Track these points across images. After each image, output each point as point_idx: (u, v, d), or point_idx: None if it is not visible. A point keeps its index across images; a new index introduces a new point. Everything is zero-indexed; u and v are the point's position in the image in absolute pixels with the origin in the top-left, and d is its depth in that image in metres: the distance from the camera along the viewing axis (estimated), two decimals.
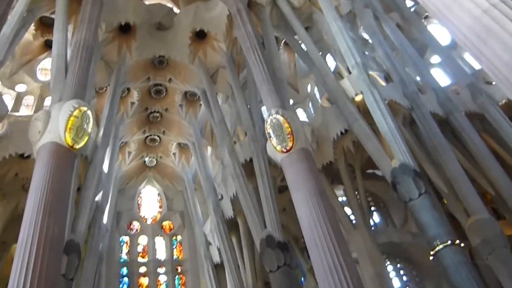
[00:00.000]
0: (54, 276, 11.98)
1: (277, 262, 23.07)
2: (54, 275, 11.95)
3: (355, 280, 12.99)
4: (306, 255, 28.99)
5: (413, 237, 27.01)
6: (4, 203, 28.71)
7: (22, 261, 11.59)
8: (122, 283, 36.61)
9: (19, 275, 11.29)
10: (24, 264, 11.51)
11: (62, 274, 20.61)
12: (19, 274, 11.33)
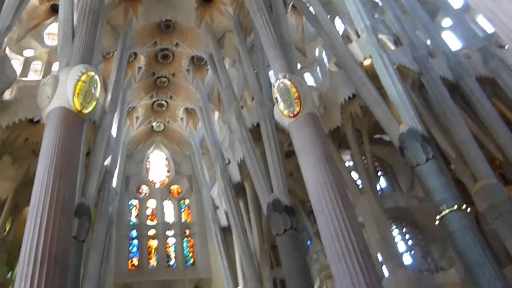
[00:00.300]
0: (66, 238, 12.21)
1: (283, 225, 23.35)
2: (65, 237, 12.18)
3: (361, 243, 13.13)
4: (313, 219, 29.33)
5: (419, 202, 27.13)
6: (15, 167, 29.06)
7: (35, 223, 11.82)
8: (131, 245, 37.28)
9: (32, 237, 11.53)
10: (36, 226, 11.74)
11: (74, 236, 21.06)
12: (32, 236, 11.56)
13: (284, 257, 22.95)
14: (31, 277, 10.77)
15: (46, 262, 11.10)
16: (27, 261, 11.14)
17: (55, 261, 11.26)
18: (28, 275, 10.83)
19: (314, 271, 28.84)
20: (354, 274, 12.26)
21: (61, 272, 11.30)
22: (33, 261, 11.08)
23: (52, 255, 11.29)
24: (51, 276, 10.93)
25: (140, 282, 34.91)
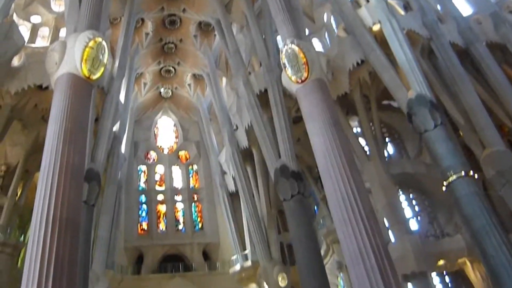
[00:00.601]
0: (76, 202, 12.35)
1: (291, 191, 23.53)
2: (76, 201, 12.32)
3: (367, 209, 13.22)
4: (320, 184, 29.50)
5: (426, 168, 27.11)
6: (25, 133, 29.27)
7: (45, 188, 11.96)
8: (141, 210, 37.84)
9: (43, 201, 11.69)
10: (47, 191, 11.88)
11: (84, 201, 21.40)
12: (43, 201, 11.72)
13: (291, 222, 23.21)
14: (43, 240, 10.94)
15: (58, 225, 11.25)
16: (39, 224, 11.29)
17: (66, 225, 11.42)
18: (40, 238, 11.00)
19: (320, 235, 29.16)
20: (360, 239, 12.39)
21: (72, 235, 11.48)
22: (45, 224, 11.23)
23: (63, 219, 11.44)
24: (63, 239, 11.11)
25: (150, 246, 35.53)
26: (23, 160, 29.50)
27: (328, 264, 28.63)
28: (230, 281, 33.51)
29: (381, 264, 11.81)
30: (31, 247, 10.97)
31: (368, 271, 11.73)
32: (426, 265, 23.14)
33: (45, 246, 10.77)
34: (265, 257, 30.57)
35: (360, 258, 12.11)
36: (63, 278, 10.43)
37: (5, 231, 27.73)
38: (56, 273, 10.40)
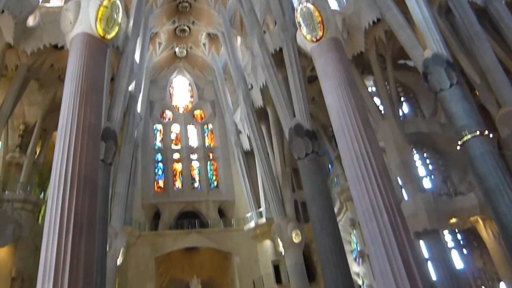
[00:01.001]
0: (94, 161, 12.56)
1: (305, 149, 23.70)
2: (93, 159, 12.53)
3: (381, 167, 13.35)
4: (334, 143, 29.59)
5: (441, 128, 27.08)
6: (42, 93, 29.58)
7: (63, 146, 12.17)
8: (157, 168, 38.37)
9: (61, 160, 11.91)
10: (65, 149, 12.09)
11: (101, 159, 21.82)
12: (61, 159, 11.93)
13: (305, 180, 23.46)
14: (62, 197, 11.15)
15: (76, 183, 11.45)
16: (58, 182, 11.50)
17: (85, 182, 11.63)
18: (60, 195, 11.21)
19: (334, 193, 29.53)
20: (373, 197, 12.57)
21: (90, 192, 11.72)
22: (64, 182, 11.41)
23: (82, 177, 11.63)
24: (82, 196, 11.33)
25: (166, 203, 36.20)
26: (40, 119, 29.94)
27: (342, 221, 29.07)
28: (245, 237, 34.20)
29: (393, 221, 12.03)
30: (50, 203, 11.20)
31: (381, 228, 11.97)
32: (438, 223, 23.38)
33: (64, 202, 10.99)
34: (279, 215, 31.06)
35: (373, 215, 12.34)
36: (82, 233, 10.72)
37: (25, 188, 28.43)
38: (76, 228, 10.67)
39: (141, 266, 32.10)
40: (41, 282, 9.84)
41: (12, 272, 26.02)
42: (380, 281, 11.41)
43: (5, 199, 27.61)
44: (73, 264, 10.05)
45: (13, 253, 26.54)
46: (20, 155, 29.45)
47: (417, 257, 11.48)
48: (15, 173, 29.34)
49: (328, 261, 19.98)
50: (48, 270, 9.91)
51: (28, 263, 26.69)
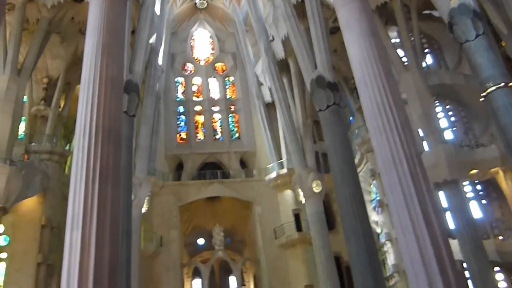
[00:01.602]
0: (117, 113, 12.69)
1: (326, 101, 23.65)
2: (117, 111, 12.66)
3: (403, 119, 13.26)
4: (356, 95, 29.51)
5: (465, 79, 26.68)
6: (64, 46, 29.82)
7: (87, 99, 12.32)
8: (179, 120, 38.73)
9: (85, 112, 12.07)
10: (88, 102, 12.25)
11: (124, 111, 22.10)
12: (85, 111, 12.10)
13: (327, 131, 23.53)
14: (87, 148, 11.34)
15: (101, 134, 11.62)
16: (83, 133, 11.68)
17: (109, 134, 11.79)
18: (85, 146, 11.40)
19: (355, 145, 29.59)
20: (394, 147, 12.55)
21: (115, 143, 11.91)
22: (88, 133, 11.58)
23: (106, 128, 11.78)
24: (106, 147, 11.52)
25: (189, 154, 36.72)
26: (63, 73, 30.31)
27: (362, 172, 29.27)
28: (266, 188, 34.67)
29: (413, 172, 12.05)
30: (76, 154, 11.39)
31: (401, 178, 12.01)
32: (459, 174, 23.51)
33: (89, 153, 11.17)
34: (300, 165, 31.37)
35: (393, 165, 12.35)
36: (108, 182, 10.97)
37: (51, 140, 29.14)
38: (102, 178, 10.91)
39: (165, 215, 32.97)
40: (69, 229, 10.16)
41: (42, 220, 27.07)
42: (399, 229, 11.58)
43: (32, 151, 28.42)
44: (100, 212, 10.33)
45: (42, 203, 27.49)
46: (45, 108, 30.04)
47: (436, 207, 11.57)
48: (40, 126, 30.07)
49: (347, 210, 20.28)
50: (76, 218, 10.21)
51: (56, 212, 27.63)
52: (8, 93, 24.91)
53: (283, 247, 32.65)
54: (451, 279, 10.36)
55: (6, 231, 26.43)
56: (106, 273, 9.74)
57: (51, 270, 26.70)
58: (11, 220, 26.08)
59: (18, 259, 25.96)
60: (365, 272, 19.00)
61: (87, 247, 9.80)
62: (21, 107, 26.19)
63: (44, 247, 26.65)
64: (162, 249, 31.62)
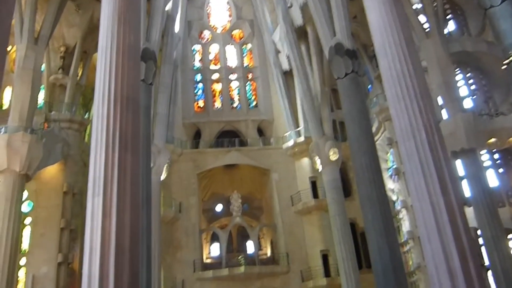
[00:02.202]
0: (135, 81, 12.74)
1: (345, 69, 23.42)
2: (134, 79, 12.70)
3: (422, 86, 13.15)
4: (375, 63, 29.18)
5: (487, 46, 26.20)
6: (80, 14, 29.79)
7: (104, 67, 12.37)
8: (197, 88, 38.79)
9: (103, 80, 12.09)
10: (106, 70, 12.30)
11: (142, 79, 22.20)
12: (103, 79, 12.13)
13: (344, 99, 23.38)
14: (107, 116, 11.43)
15: (119, 102, 11.68)
16: (101, 102, 11.74)
17: (127, 101, 11.85)
18: (104, 114, 11.48)
19: (373, 113, 29.43)
20: (413, 115, 12.50)
21: (133, 111, 11.99)
22: (107, 101, 11.63)
23: (124, 96, 11.83)
24: (125, 115, 11.59)
25: (206, 122, 36.93)
26: (80, 41, 30.39)
27: (379, 141, 29.23)
28: (283, 155, 34.89)
29: (431, 140, 12.02)
30: (96, 122, 11.52)
31: (418, 146, 12.01)
32: (476, 142, 23.40)
33: (109, 120, 11.25)
34: (317, 133, 31.40)
35: (411, 133, 12.34)
36: (127, 149, 11.11)
37: (70, 108, 29.52)
38: (121, 145, 11.03)
39: (184, 181, 33.42)
40: (91, 195, 10.36)
41: (64, 187, 27.77)
42: (415, 197, 11.64)
43: (52, 119, 28.91)
44: (120, 178, 10.50)
45: (63, 170, 28.13)
46: (63, 76, 30.25)
47: (452, 175, 11.58)
48: (59, 95, 30.39)
49: (363, 178, 20.32)
50: (97, 184, 10.40)
51: (77, 179, 28.23)
52: (26, 61, 25.11)
53: (299, 214, 33.11)
54: (465, 245, 10.45)
55: (29, 197, 27.14)
56: (128, 237, 10.00)
57: (74, 234, 27.46)
58: (34, 187, 26.82)
59: (42, 224, 26.77)
60: (379, 238, 19.18)
61: (109, 213, 10.04)
62: (39, 75, 26.38)
63: (67, 213, 27.39)
64: (181, 215, 32.22)
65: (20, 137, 23.57)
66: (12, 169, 23.03)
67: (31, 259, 26.20)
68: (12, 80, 26.74)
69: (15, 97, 25.12)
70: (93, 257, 9.66)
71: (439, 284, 10.52)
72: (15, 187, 22.87)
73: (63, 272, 26.29)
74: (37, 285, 25.57)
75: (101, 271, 9.46)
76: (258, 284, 31.67)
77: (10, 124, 24.23)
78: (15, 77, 25.35)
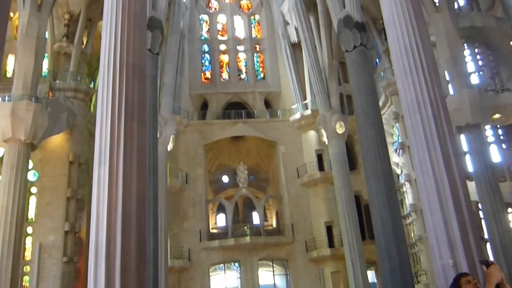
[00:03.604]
0: (141, 49, 12.61)
1: (353, 42, 23.29)
2: (141, 48, 12.59)
3: (430, 62, 13.08)
4: (383, 37, 28.95)
5: (497, 22, 25.93)
6: None
7: (110, 35, 12.23)
8: (204, 59, 38.58)
9: (109, 49, 11.95)
10: (111, 38, 12.17)
11: (148, 49, 22.13)
12: (109, 48, 11.97)
13: (352, 73, 23.33)
14: (112, 84, 11.37)
15: (125, 70, 11.60)
16: (107, 69, 11.63)
17: (133, 70, 11.74)
18: (110, 82, 11.40)
19: (380, 87, 29.38)
20: (419, 89, 12.50)
21: (140, 80, 11.92)
22: (113, 69, 11.50)
23: (130, 64, 11.71)
24: (131, 83, 11.50)
25: (213, 94, 36.88)
26: (85, 8, 30.02)
27: (385, 115, 29.28)
28: (290, 128, 35.01)
29: (437, 115, 12.06)
30: (101, 90, 11.46)
31: (424, 121, 12.05)
32: (481, 118, 23.60)
33: (115, 89, 11.17)
34: (324, 106, 31.37)
35: (417, 108, 12.36)
36: (134, 119, 11.11)
37: (75, 77, 29.40)
38: (127, 114, 11.01)
39: (191, 152, 33.63)
40: (97, 164, 10.42)
41: (70, 156, 27.88)
42: (419, 170, 11.75)
43: (56, 88, 28.76)
44: (127, 148, 10.54)
45: (68, 139, 28.22)
46: (68, 44, 29.87)
47: (456, 150, 11.66)
48: (64, 63, 30.11)
49: (369, 151, 20.48)
50: (103, 153, 10.42)
51: (83, 149, 28.39)
52: (29, 28, 24.83)
53: (305, 186, 33.40)
54: (465, 218, 10.61)
55: (35, 167, 27.29)
56: (134, 206, 10.15)
57: (80, 204, 27.78)
58: (40, 156, 26.99)
59: (48, 193, 27.05)
60: (383, 210, 19.46)
61: (115, 182, 10.13)
62: (43, 43, 26.15)
63: (73, 182, 27.60)
64: (188, 186, 32.51)
65: (24, 106, 23.48)
66: (17, 137, 23.04)
67: (38, 228, 26.58)
68: (15, 48, 26.41)
69: (18, 65, 24.86)
70: (100, 225, 9.83)
71: (439, 255, 10.74)
72: (20, 155, 22.92)
73: (70, 240, 26.72)
74: (45, 253, 26.04)
75: (108, 239, 9.64)
76: (263, 254, 32.17)
77: (14, 92, 24.13)
78: (18, 44, 25.14)
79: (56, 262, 25.89)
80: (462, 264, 10.04)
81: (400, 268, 19.07)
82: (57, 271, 25.76)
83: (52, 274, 25.68)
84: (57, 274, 25.70)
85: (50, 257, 25.98)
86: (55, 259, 25.94)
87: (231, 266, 33.38)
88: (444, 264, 10.56)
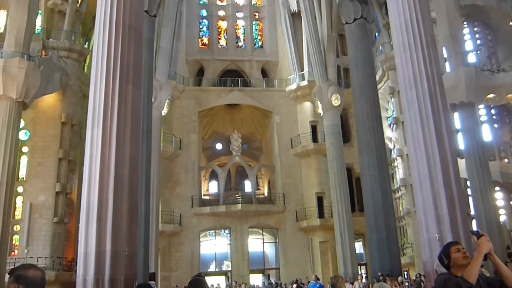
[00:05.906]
0: (138, 10, 12.10)
1: (354, 14, 23.15)
2: (137, 8, 11.92)
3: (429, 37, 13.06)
4: (384, 10, 28.67)
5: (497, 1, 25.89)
6: None
7: None
8: (202, 24, 38.06)
9: (105, 8, 11.44)
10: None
11: (145, 10, 21.74)
12: (105, 7, 11.43)
13: (351, 45, 23.28)
14: (107, 45, 11.16)
15: (121, 31, 11.40)
16: (102, 29, 11.36)
17: (129, 31, 11.50)
18: (105, 42, 11.17)
19: (377, 61, 29.26)
20: (417, 65, 12.54)
21: (136, 41, 11.71)
22: (108, 29, 11.24)
23: (126, 24, 11.47)
24: (127, 44, 11.33)
25: (210, 60, 36.54)
26: None
27: (381, 89, 29.24)
28: (286, 98, 34.92)
29: (432, 91, 12.14)
30: (96, 50, 11.27)
31: (419, 96, 12.14)
32: (476, 97, 23.90)
33: (110, 49, 10.99)
34: (321, 78, 31.23)
35: (414, 83, 12.44)
36: (129, 81, 11.00)
37: (69, 37, 28.74)
38: (122, 76, 10.88)
39: (185, 118, 33.54)
40: (90, 126, 10.38)
41: (62, 117, 27.51)
42: (411, 145, 11.90)
43: (50, 47, 28.06)
44: (121, 110, 10.50)
45: (61, 100, 27.86)
46: (62, 2, 28.95)
47: (449, 127, 11.78)
48: (58, 21, 29.30)
49: (363, 124, 20.61)
50: (97, 115, 10.38)
51: (76, 110, 28.09)
52: None
53: (298, 156, 33.54)
54: (454, 194, 10.79)
55: (26, 126, 27.06)
56: (127, 169, 10.19)
57: (72, 166, 27.68)
58: (31, 116, 26.71)
59: (39, 153, 26.92)
60: (374, 183, 19.74)
61: (108, 144, 10.14)
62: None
63: (65, 143, 27.39)
64: (181, 152, 32.53)
65: (16, 63, 22.82)
66: (8, 95, 22.50)
67: (28, 188, 26.52)
68: (7, 3, 25.57)
69: (10, 21, 23.98)
70: (92, 187, 9.88)
71: (426, 229, 10.96)
72: (12, 113, 22.40)
73: (61, 201, 26.70)
74: (35, 213, 26.09)
75: (100, 201, 9.72)
76: (254, 221, 32.49)
77: (5, 49, 23.39)
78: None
79: (47, 222, 25.94)
80: (448, 239, 10.24)
81: (387, 239, 19.50)
82: (48, 231, 25.83)
83: (42, 233, 25.75)
84: (48, 234, 25.78)
85: (40, 217, 26.02)
86: (45, 219, 25.98)
87: (221, 233, 33.71)
88: (430, 238, 10.77)
